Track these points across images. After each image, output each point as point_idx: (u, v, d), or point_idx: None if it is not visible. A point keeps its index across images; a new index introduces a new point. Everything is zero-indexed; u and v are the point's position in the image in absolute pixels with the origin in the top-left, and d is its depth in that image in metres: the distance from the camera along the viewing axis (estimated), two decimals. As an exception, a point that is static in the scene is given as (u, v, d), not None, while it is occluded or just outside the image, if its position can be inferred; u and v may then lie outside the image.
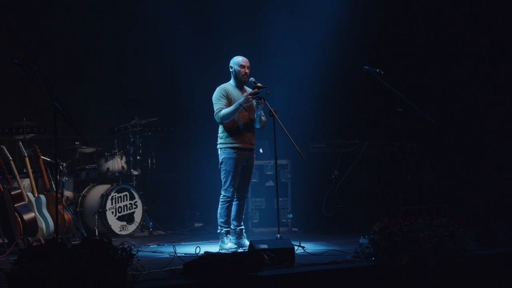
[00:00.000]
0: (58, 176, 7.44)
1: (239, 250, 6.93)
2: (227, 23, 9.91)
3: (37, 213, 7.50)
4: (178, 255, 6.09)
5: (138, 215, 8.82)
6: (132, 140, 9.12)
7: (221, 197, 7.13)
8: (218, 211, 7.13)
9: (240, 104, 6.95)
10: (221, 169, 7.12)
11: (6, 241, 7.16)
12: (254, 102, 7.07)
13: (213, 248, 6.99)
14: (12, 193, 7.35)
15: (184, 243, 7.76)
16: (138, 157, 9.17)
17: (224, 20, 9.96)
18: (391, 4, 10.05)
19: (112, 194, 8.64)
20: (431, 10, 10.02)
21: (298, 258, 6.09)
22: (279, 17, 9.73)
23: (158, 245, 7.58)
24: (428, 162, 9.44)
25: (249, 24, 9.91)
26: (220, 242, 7.12)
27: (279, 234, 6.71)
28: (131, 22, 9.84)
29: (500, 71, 9.63)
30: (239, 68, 7.13)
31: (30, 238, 7.24)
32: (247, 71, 7.14)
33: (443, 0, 9.95)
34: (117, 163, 8.94)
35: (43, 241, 7.17)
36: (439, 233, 5.81)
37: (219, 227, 7.15)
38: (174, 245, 6.65)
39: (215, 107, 7.05)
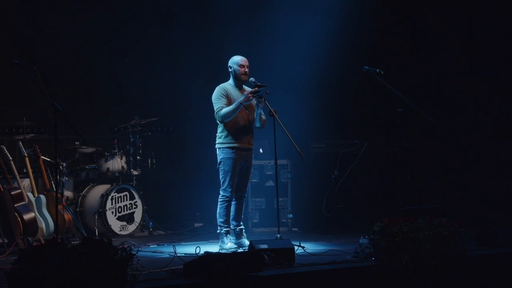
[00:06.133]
0: (58, 176, 7.44)
1: (239, 250, 6.93)
2: (226, 23, 9.91)
3: (37, 213, 7.50)
4: (178, 255, 6.09)
5: (138, 215, 8.82)
6: (132, 140, 9.12)
7: (219, 197, 7.13)
8: (217, 211, 7.13)
9: (241, 103, 6.96)
10: (220, 169, 7.12)
11: (6, 241, 7.16)
12: (254, 101, 7.08)
13: (213, 248, 6.99)
14: (12, 193, 7.35)
15: (184, 243, 7.76)
16: (138, 157, 9.17)
17: (223, 20, 9.96)
18: (391, 3, 10.05)
19: (112, 194, 8.64)
20: (431, 9, 10.03)
21: (298, 258, 6.10)
22: (278, 17, 9.72)
23: (158, 245, 7.58)
24: (428, 162, 9.44)
25: (249, 24, 9.90)
26: (220, 242, 7.12)
27: (279, 234, 6.71)
28: (131, 22, 9.83)
29: (500, 70, 9.62)
30: (239, 68, 7.14)
31: (30, 238, 7.24)
32: (246, 70, 7.15)
33: (443, 0, 9.97)
34: (117, 163, 8.94)
35: (43, 241, 7.17)
36: (439, 233, 5.82)
37: (218, 227, 7.16)
38: (174, 245, 6.65)
39: (215, 107, 7.05)
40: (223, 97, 7.06)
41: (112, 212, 8.62)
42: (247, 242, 6.99)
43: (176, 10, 9.88)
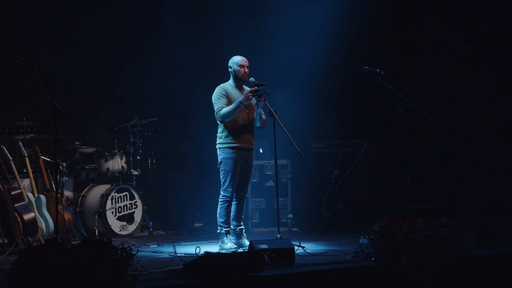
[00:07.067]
0: (58, 176, 7.44)
1: (239, 250, 6.93)
2: (226, 23, 9.90)
3: (37, 213, 7.50)
4: (178, 255, 6.09)
5: (138, 215, 8.82)
6: (132, 140, 9.12)
7: (220, 197, 7.13)
8: (218, 211, 7.13)
9: (240, 102, 6.96)
10: (220, 169, 7.12)
11: (6, 241, 7.16)
12: (254, 100, 7.08)
13: (213, 248, 6.99)
14: (12, 193, 7.35)
15: (184, 243, 7.76)
16: (138, 157, 9.17)
17: (223, 20, 9.95)
18: (391, 4, 10.05)
19: (112, 194, 8.64)
20: (432, 9, 10.03)
21: (298, 258, 6.10)
22: (278, 17, 9.72)
23: (158, 245, 7.58)
24: (428, 162, 9.44)
25: (248, 24, 9.90)
26: (220, 242, 7.12)
27: (279, 234, 6.71)
28: (131, 22, 9.84)
29: (500, 70, 9.62)
30: (239, 68, 7.14)
31: (30, 238, 7.24)
32: (246, 70, 7.15)
33: (443, 1, 9.97)
34: (117, 163, 8.94)
35: (43, 241, 7.17)
36: (439, 233, 5.82)
37: (218, 227, 7.16)
38: (174, 245, 6.65)
39: (216, 107, 7.05)
40: (223, 97, 7.06)
41: (112, 212, 8.62)
42: (247, 242, 6.99)
43: (175, 10, 9.87)
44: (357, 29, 9.86)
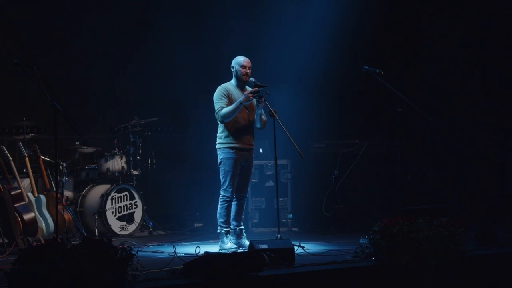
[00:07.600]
0: (58, 176, 7.44)
1: (239, 250, 6.93)
2: (226, 23, 9.91)
3: (37, 213, 7.50)
4: (178, 255, 6.09)
5: (138, 215, 8.82)
6: (132, 140, 9.12)
7: (220, 197, 7.13)
8: (218, 211, 7.13)
9: (241, 103, 6.95)
10: (220, 169, 7.12)
11: (6, 241, 7.16)
12: (254, 101, 7.08)
13: (213, 248, 6.99)
14: (12, 193, 7.35)
15: (184, 243, 7.76)
16: (138, 157, 9.17)
17: (223, 20, 9.96)
18: (391, 3, 10.05)
19: (112, 194, 8.64)
20: (431, 9, 10.03)
21: (298, 258, 6.10)
22: (279, 17, 9.73)
23: (158, 245, 7.58)
24: (428, 162, 9.44)
25: (248, 24, 9.91)
26: (220, 242, 7.12)
27: (279, 234, 6.71)
28: (131, 21, 9.84)
29: (501, 70, 9.62)
30: (240, 68, 7.13)
31: (30, 238, 7.24)
32: (248, 71, 7.14)
33: (442, 1, 9.97)
34: (117, 163, 8.94)
35: (43, 241, 7.18)
36: (439, 233, 5.82)
37: (218, 227, 7.16)
38: (174, 245, 6.65)
39: (216, 106, 7.05)
40: (224, 97, 7.06)
41: (112, 212, 8.62)
42: (247, 242, 6.99)
43: (175, 9, 9.88)
44: (357, 29, 9.86)
